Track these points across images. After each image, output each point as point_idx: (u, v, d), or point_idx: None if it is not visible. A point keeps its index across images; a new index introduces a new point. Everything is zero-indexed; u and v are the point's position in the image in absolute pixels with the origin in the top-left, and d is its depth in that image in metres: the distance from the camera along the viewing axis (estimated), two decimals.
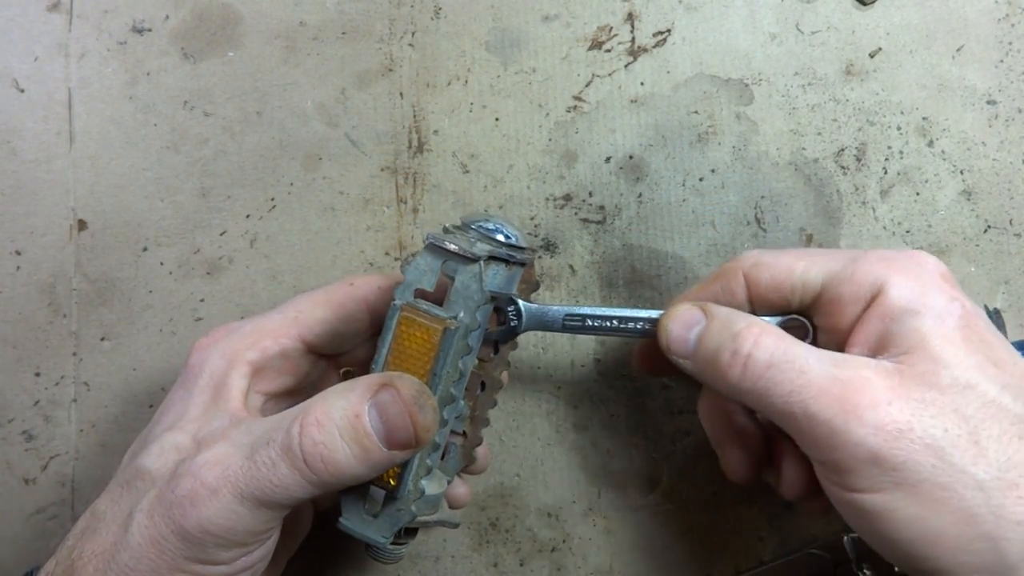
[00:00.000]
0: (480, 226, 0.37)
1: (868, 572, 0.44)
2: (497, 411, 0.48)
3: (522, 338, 0.49)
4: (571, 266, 0.49)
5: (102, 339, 0.49)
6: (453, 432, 0.40)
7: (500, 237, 0.37)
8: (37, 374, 0.48)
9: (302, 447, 0.32)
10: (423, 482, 0.38)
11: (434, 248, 0.36)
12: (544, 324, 0.40)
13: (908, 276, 0.34)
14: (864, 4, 0.49)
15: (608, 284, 0.49)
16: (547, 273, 0.49)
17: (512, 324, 0.40)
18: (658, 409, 0.48)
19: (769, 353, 0.33)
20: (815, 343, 0.37)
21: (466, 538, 0.48)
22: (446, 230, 0.37)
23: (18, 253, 0.49)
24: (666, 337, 0.37)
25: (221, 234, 0.49)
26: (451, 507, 0.43)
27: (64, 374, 0.48)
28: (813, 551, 0.46)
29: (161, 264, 0.49)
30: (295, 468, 0.32)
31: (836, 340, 0.36)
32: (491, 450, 0.48)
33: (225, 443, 0.34)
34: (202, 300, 0.49)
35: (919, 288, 0.33)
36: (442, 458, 0.40)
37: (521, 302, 0.40)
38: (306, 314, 0.40)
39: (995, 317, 0.48)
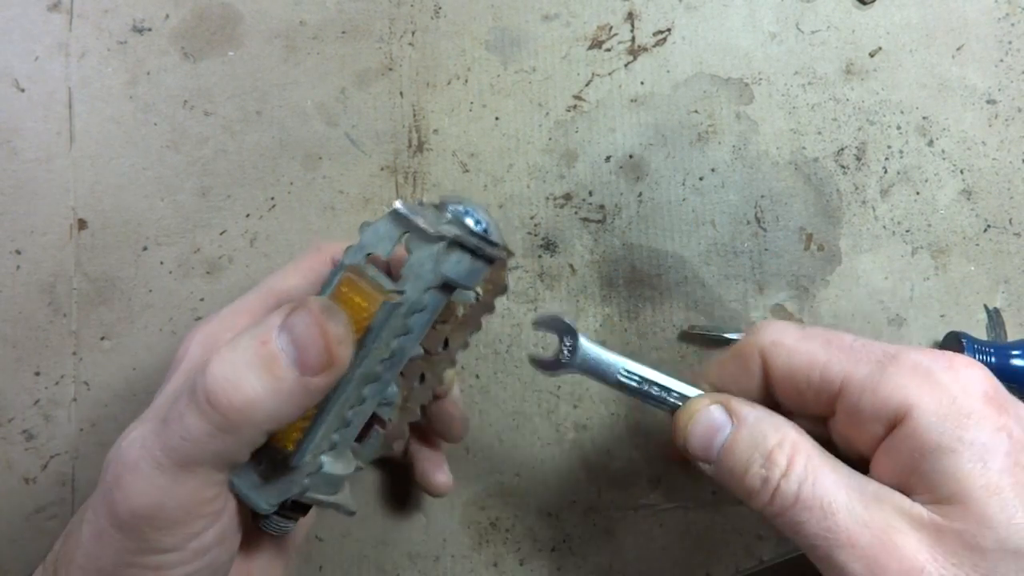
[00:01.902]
0: (454, 209, 0.34)
1: None
2: (497, 411, 0.48)
3: (523, 337, 0.49)
4: (571, 265, 0.49)
5: (102, 339, 0.49)
6: (378, 419, 0.38)
7: (471, 223, 0.34)
8: (37, 374, 0.48)
9: (206, 387, 0.29)
10: (325, 459, 0.35)
11: (397, 216, 0.34)
12: (597, 371, 0.36)
13: (942, 399, 0.28)
14: (864, 3, 0.49)
15: (608, 283, 0.49)
16: (547, 272, 0.49)
17: (561, 358, 0.36)
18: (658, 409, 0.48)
19: (797, 485, 0.29)
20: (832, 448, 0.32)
21: (466, 538, 0.48)
22: (420, 204, 0.35)
23: (18, 253, 0.49)
24: (684, 439, 0.33)
25: (221, 233, 0.49)
26: (432, 494, 0.43)
27: (64, 374, 0.48)
28: None
29: (161, 263, 0.49)
30: (201, 413, 0.29)
31: (856, 451, 0.31)
32: (491, 450, 0.48)
33: (152, 419, 0.32)
34: (202, 299, 0.49)
35: (955, 418, 0.28)
36: (359, 440, 0.38)
37: (583, 338, 0.36)
38: (278, 285, 0.38)
39: (995, 317, 0.48)
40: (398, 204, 0.34)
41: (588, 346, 0.36)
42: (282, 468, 0.33)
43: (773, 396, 0.34)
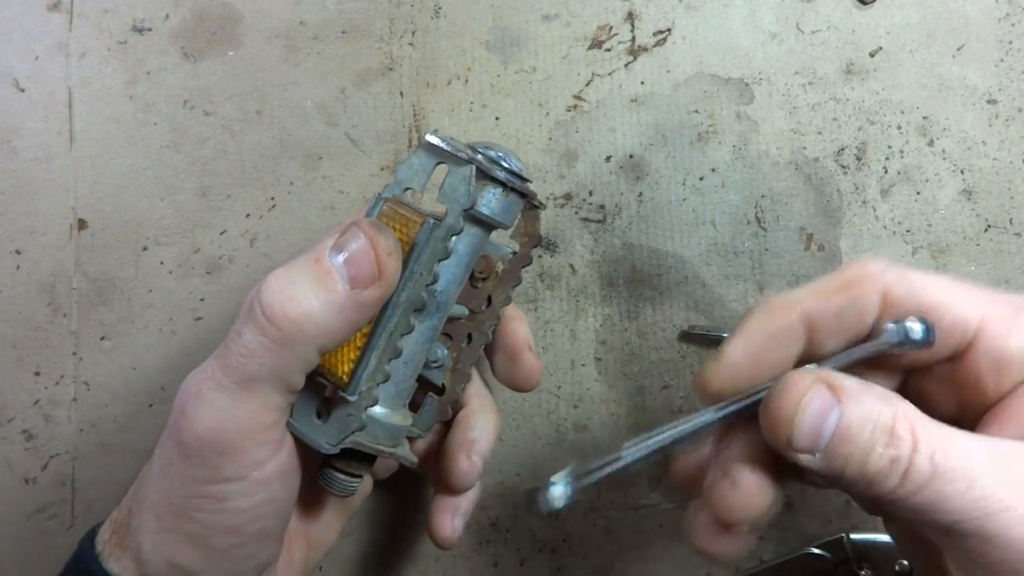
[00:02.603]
0: (485, 150, 0.36)
1: (868, 572, 0.44)
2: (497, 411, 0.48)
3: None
4: (571, 265, 0.49)
5: (102, 339, 0.49)
6: (431, 384, 0.38)
7: (501, 160, 0.36)
8: (37, 374, 0.48)
9: (261, 301, 0.30)
10: (382, 409, 0.36)
11: (429, 147, 0.35)
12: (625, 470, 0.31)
13: None
14: (864, 3, 0.49)
15: (608, 283, 0.49)
16: (547, 272, 0.49)
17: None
18: (658, 409, 0.48)
19: (931, 456, 0.26)
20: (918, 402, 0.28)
21: (466, 538, 0.48)
22: (451, 139, 0.36)
23: (18, 253, 0.49)
24: (790, 434, 0.27)
25: (221, 233, 0.49)
26: (437, 544, 0.40)
27: (64, 374, 0.48)
28: (813, 551, 0.45)
29: (161, 263, 0.49)
30: (258, 328, 0.30)
31: (971, 403, 0.29)
32: (491, 450, 0.48)
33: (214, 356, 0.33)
34: (202, 299, 0.49)
35: None
36: (416, 411, 0.38)
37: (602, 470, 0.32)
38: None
39: None
40: (430, 136, 0.35)
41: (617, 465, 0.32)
42: (338, 403, 0.34)
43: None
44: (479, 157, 0.35)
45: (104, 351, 0.49)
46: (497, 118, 0.49)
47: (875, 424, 0.27)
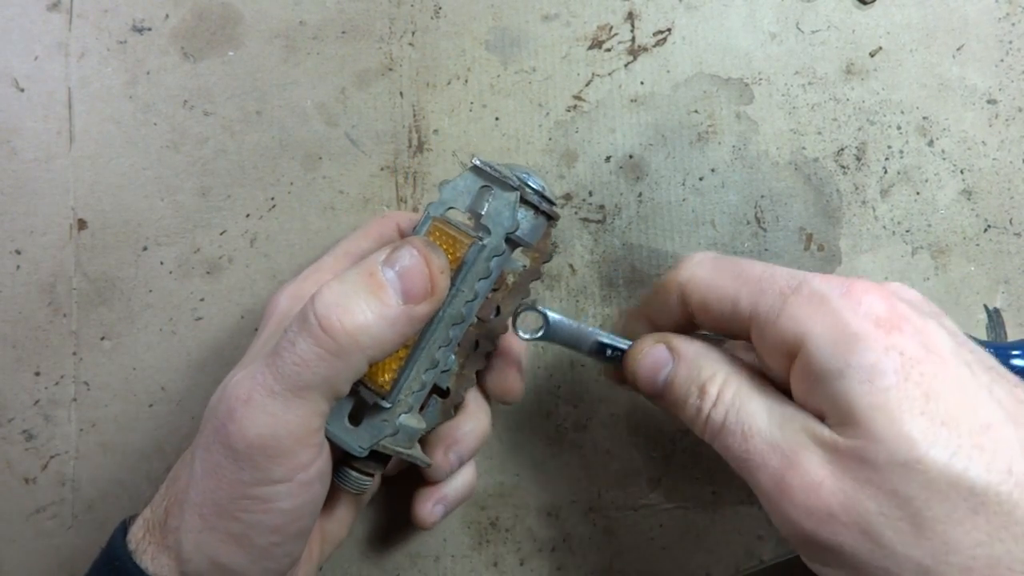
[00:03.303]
0: (513, 169, 0.38)
1: None
2: (497, 411, 0.48)
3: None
4: (571, 265, 0.49)
5: (102, 339, 0.49)
6: (437, 388, 0.40)
7: (532, 184, 0.38)
8: (37, 374, 0.48)
9: (316, 312, 0.32)
10: (406, 417, 0.37)
11: (477, 170, 0.37)
12: (567, 340, 0.40)
13: (833, 325, 0.29)
14: (864, 3, 0.49)
15: (608, 283, 0.49)
16: (547, 272, 0.49)
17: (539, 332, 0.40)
18: (658, 409, 0.48)
19: (723, 414, 0.32)
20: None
21: (466, 538, 0.48)
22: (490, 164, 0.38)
23: (18, 253, 0.49)
24: (633, 374, 0.37)
25: (221, 233, 0.49)
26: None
27: (64, 374, 0.48)
28: None
29: (161, 263, 0.49)
30: (313, 338, 0.31)
31: (778, 377, 0.33)
32: (491, 450, 0.48)
33: (256, 359, 0.34)
34: (202, 299, 0.49)
35: (844, 341, 0.29)
36: (421, 410, 0.40)
37: (551, 314, 0.40)
38: (352, 248, 0.42)
39: (995, 317, 0.48)
40: (477, 160, 0.37)
41: (558, 319, 0.40)
42: (374, 411, 0.36)
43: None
44: (515, 180, 0.37)
45: (104, 351, 0.49)
46: (497, 118, 0.49)
47: (693, 380, 0.34)
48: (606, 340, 0.39)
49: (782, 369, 0.32)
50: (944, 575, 0.27)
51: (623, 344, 0.39)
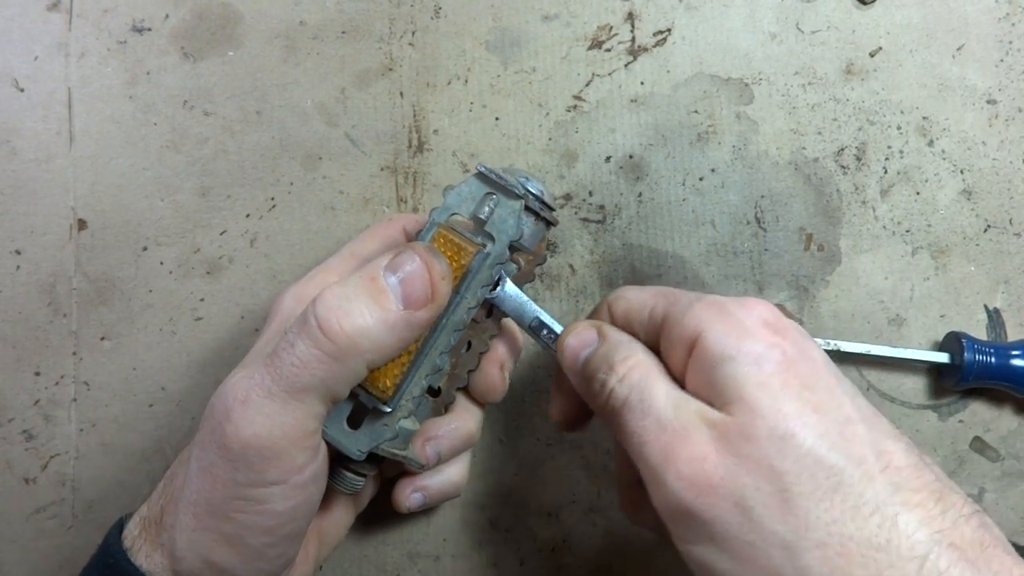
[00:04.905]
0: (513, 174, 0.38)
1: None
2: (497, 411, 0.48)
3: (522, 338, 0.48)
4: (571, 265, 0.49)
5: (102, 339, 0.49)
6: (429, 388, 0.40)
7: (532, 189, 0.38)
8: (37, 374, 0.48)
9: (316, 315, 0.32)
10: (404, 420, 0.38)
11: (483, 177, 0.37)
12: (512, 311, 0.40)
13: (728, 323, 0.33)
14: (864, 3, 0.49)
15: (608, 284, 0.49)
16: (547, 272, 0.49)
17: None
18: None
19: (628, 390, 0.33)
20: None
21: (466, 538, 0.48)
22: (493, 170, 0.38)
23: (18, 253, 0.49)
24: (562, 350, 0.38)
25: (221, 233, 0.49)
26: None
27: (64, 374, 0.48)
28: None
29: (161, 264, 0.49)
30: (312, 340, 0.32)
31: (678, 376, 0.35)
32: (491, 450, 0.48)
33: (256, 359, 0.34)
34: (202, 299, 0.49)
35: (736, 334, 0.32)
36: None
37: (510, 282, 0.40)
38: (358, 250, 0.42)
39: (995, 317, 0.48)
40: (481, 167, 0.37)
41: (511, 288, 0.40)
42: (373, 416, 0.36)
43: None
44: (520, 188, 0.37)
45: (104, 351, 0.49)
46: (497, 118, 0.49)
47: (607, 359, 0.35)
48: (546, 319, 0.40)
49: (681, 363, 0.34)
50: (804, 550, 0.28)
51: (559, 328, 0.40)
